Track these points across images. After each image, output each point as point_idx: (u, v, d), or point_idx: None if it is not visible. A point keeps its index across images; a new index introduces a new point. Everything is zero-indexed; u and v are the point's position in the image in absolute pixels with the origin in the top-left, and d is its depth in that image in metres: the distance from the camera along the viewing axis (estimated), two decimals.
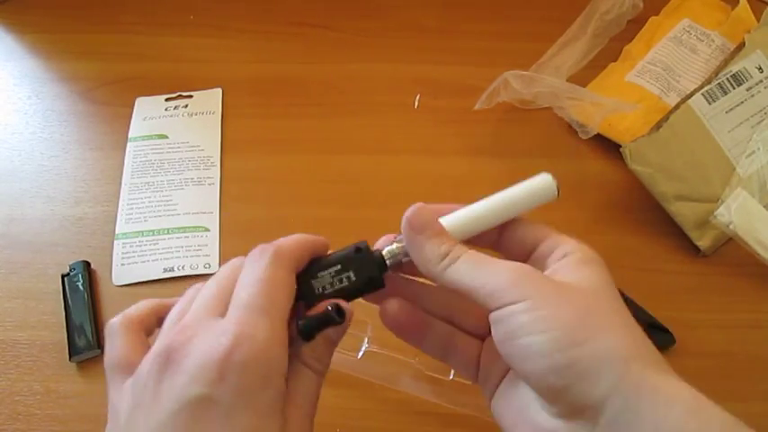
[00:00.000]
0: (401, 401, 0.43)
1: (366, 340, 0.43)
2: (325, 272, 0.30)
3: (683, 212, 0.50)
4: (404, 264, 0.30)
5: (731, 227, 0.48)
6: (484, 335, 0.32)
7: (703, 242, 0.50)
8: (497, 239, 0.30)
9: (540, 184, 0.29)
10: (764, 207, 0.49)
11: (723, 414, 0.23)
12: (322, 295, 0.29)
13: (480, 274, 0.26)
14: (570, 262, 0.27)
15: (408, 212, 0.28)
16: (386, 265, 0.29)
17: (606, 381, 0.23)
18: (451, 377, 0.42)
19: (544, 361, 0.24)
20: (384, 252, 0.30)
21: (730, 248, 0.50)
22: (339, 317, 0.28)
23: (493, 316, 0.26)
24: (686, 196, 0.50)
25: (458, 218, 0.29)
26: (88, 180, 0.55)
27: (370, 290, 0.30)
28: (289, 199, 0.54)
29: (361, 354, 0.43)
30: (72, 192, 0.55)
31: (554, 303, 0.25)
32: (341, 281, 0.29)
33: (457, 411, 0.42)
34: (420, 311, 0.31)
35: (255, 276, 0.27)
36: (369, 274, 0.29)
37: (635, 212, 0.52)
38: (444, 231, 0.28)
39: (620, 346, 0.24)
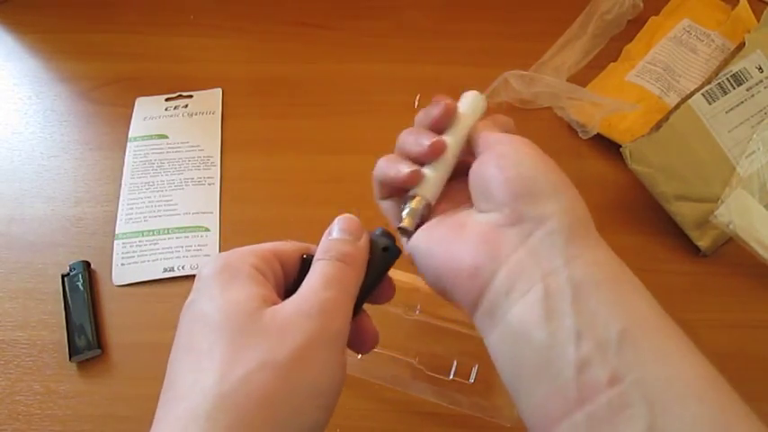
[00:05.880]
0: (401, 401, 0.43)
1: None
2: None
3: (683, 212, 0.50)
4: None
5: (731, 227, 0.48)
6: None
7: (703, 242, 0.50)
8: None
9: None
10: (764, 207, 0.49)
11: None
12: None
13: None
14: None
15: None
16: (393, 236, 0.32)
17: (557, 202, 0.30)
18: (451, 377, 0.42)
19: (530, 170, 0.30)
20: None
21: (730, 248, 0.50)
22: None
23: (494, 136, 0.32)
24: (686, 196, 0.50)
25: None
26: (88, 180, 0.55)
27: (393, 260, 0.32)
28: (289, 199, 0.54)
29: (360, 354, 0.43)
30: (72, 192, 0.55)
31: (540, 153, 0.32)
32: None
33: (457, 411, 0.42)
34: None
35: None
36: (384, 245, 0.32)
37: (635, 212, 0.52)
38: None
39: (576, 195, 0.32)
